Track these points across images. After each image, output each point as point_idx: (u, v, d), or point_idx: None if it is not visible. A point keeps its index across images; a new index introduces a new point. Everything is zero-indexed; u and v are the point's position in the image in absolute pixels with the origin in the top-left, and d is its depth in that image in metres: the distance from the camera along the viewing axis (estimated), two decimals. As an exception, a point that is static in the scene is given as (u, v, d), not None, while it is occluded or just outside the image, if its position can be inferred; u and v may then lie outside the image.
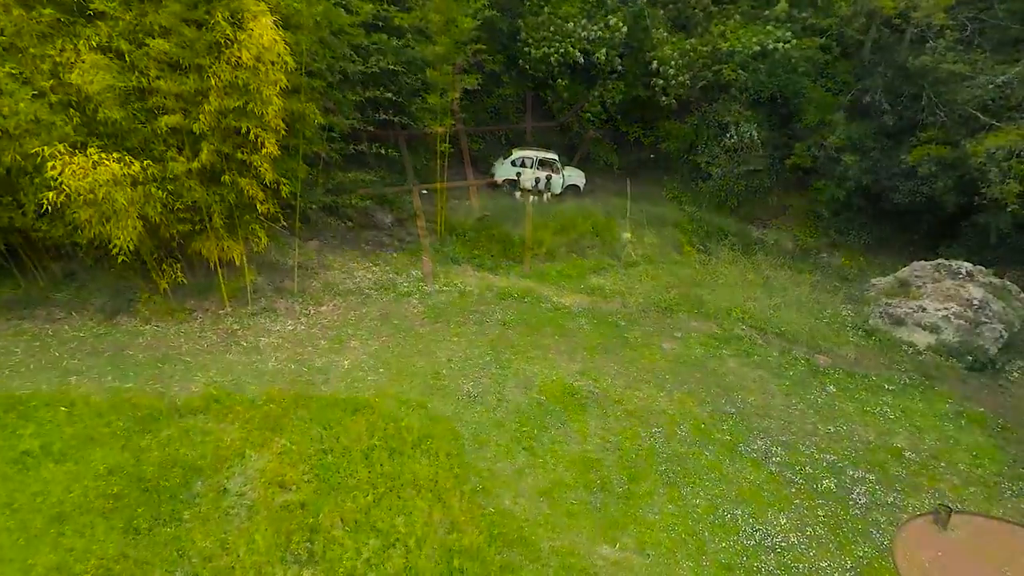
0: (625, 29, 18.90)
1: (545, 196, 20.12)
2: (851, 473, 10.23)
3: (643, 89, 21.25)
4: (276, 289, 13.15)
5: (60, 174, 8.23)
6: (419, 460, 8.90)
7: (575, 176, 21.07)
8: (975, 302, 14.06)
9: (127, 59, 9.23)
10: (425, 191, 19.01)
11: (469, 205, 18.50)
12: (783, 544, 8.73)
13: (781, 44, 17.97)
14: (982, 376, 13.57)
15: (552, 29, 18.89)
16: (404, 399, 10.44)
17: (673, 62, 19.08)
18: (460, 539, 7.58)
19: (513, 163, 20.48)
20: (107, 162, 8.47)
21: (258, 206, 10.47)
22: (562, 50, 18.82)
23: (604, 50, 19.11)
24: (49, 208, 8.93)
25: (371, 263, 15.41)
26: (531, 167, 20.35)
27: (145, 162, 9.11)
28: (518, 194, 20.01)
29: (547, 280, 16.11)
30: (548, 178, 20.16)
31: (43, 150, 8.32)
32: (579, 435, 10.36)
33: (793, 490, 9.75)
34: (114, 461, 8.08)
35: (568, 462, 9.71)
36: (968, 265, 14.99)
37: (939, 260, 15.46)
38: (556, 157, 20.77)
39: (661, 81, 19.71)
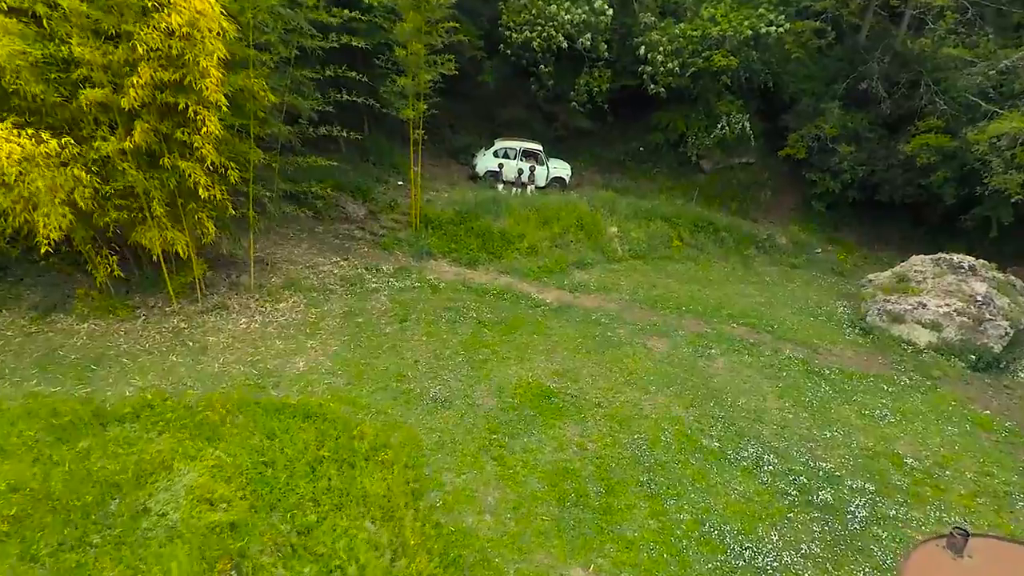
0: (611, 12, 18.03)
1: (529, 189, 19.22)
2: (849, 483, 9.39)
3: (631, 78, 20.41)
4: (231, 285, 12.19)
5: (-43, 152, 7.26)
6: (372, 473, 7.98)
7: (560, 168, 20.18)
8: (978, 298, 13.29)
9: (45, 24, 8.25)
10: (401, 182, 18.09)
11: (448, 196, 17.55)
12: (775, 564, 7.88)
13: (774, 28, 17.14)
14: (986, 376, 12.80)
15: (534, 12, 17.99)
16: (362, 404, 9.52)
17: (662, 48, 18.23)
18: (409, 565, 6.67)
19: (495, 154, 19.57)
20: (14, 139, 7.50)
21: (200, 192, 9.49)
22: (544, 34, 17.93)
23: (589, 35, 18.24)
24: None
25: (339, 257, 14.45)
26: (514, 158, 19.44)
27: (64, 139, 8.13)
28: (500, 186, 19.10)
29: (528, 276, 15.22)
30: (532, 170, 19.26)
31: (-62, 125, 7.34)
32: (554, 442, 9.47)
33: (786, 502, 8.91)
34: (19, 476, 7.11)
35: (541, 472, 8.83)
36: (970, 259, 14.22)
37: (940, 254, 14.69)
38: (541, 148, 19.87)
39: (649, 68, 18.85)
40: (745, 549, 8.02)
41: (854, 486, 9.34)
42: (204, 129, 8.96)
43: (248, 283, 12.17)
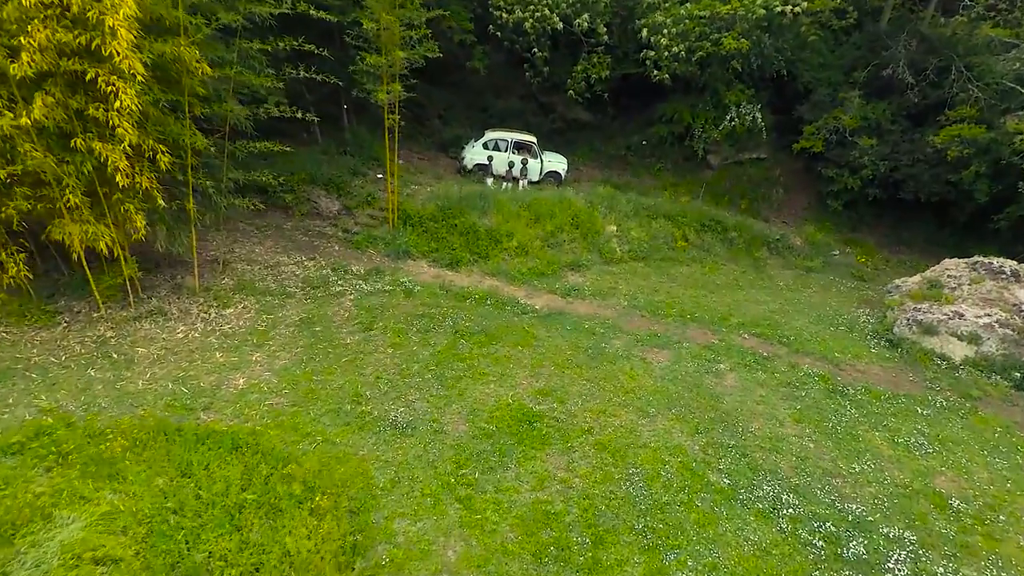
0: (611, -9, 16.55)
1: (521, 183, 17.72)
2: (885, 531, 7.86)
3: (633, 65, 18.91)
4: (173, 287, 10.75)
5: None
6: (306, 522, 6.51)
7: (556, 162, 18.69)
8: (1023, 307, 11.73)
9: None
10: (380, 175, 16.63)
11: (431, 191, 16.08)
12: (800, 640, 6.38)
13: (789, 8, 15.59)
14: (1034, 397, 11.24)
15: (527, -11, 16.51)
16: (306, 431, 8.05)
17: (666, 30, 16.69)
18: (331, 657, 5.21)
19: (485, 145, 18.08)
20: None
21: (118, 179, 8.05)
22: (538, 14, 16.43)
23: (587, 16, 16.74)
24: None
25: (305, 257, 13.01)
26: (505, 150, 17.95)
27: (-67, 112, 6.73)
28: (490, 180, 17.60)
29: (516, 279, 13.75)
30: (524, 163, 17.76)
31: None
32: (534, 478, 7.98)
33: (811, 557, 7.39)
34: None
35: (516, 517, 7.34)
36: (1012, 263, 12.64)
37: (976, 257, 13.11)
38: (534, 140, 18.40)
39: (652, 53, 17.33)
40: (762, 619, 6.53)
41: (891, 534, 7.82)
42: (117, 104, 7.51)
43: (193, 285, 10.72)
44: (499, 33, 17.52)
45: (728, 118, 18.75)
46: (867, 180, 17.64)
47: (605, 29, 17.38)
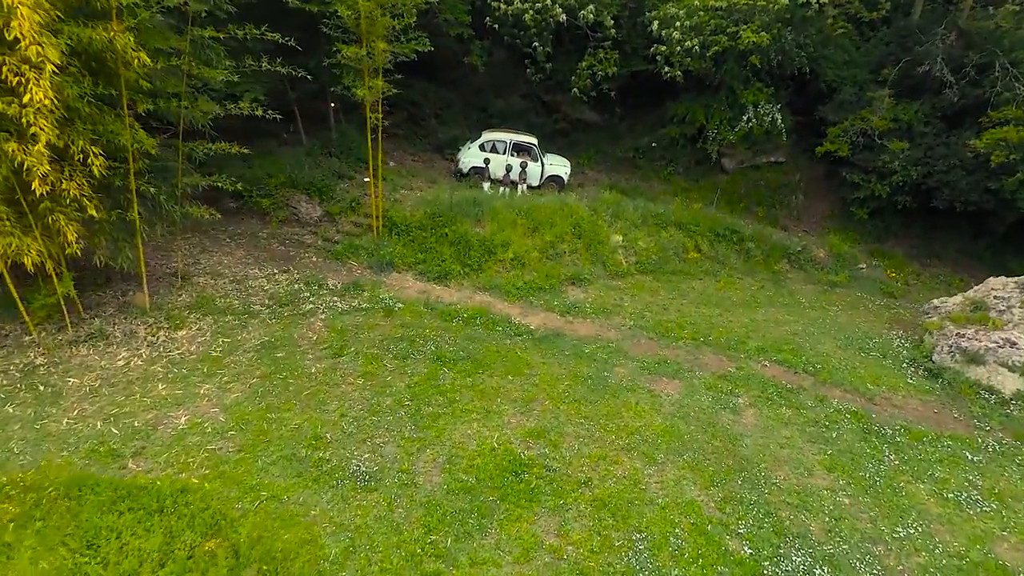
0: (619, -19, 15.27)
1: (520, 188, 16.46)
2: (941, 617, 6.53)
3: (643, 61, 17.60)
4: (122, 305, 9.58)
5: None
6: (230, 612, 5.29)
7: (558, 165, 17.39)
8: (1086, 336, 10.31)
9: None
10: (368, 178, 15.43)
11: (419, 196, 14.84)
12: None
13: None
14: (1100, 441, 9.81)
15: (526, -22, 15.27)
16: (250, 484, 6.83)
17: (679, 24, 15.37)
18: None
19: (482, 147, 16.84)
20: None
21: (36, 186, 6.88)
22: (539, 5, 15.16)
23: (592, 8, 15.44)
24: None
25: (278, 269, 11.83)
26: (503, 152, 16.70)
27: None
28: (487, 185, 16.36)
29: (510, 295, 12.50)
30: (524, 166, 16.49)
31: None
32: (518, 546, 6.71)
33: (854, 653, 6.08)
34: None
35: (493, 598, 6.09)
36: (1070, 284, 11.21)
37: (1027, 276, 11.69)
38: (535, 141, 17.13)
39: (663, 48, 16.01)
40: None
41: (949, 623, 6.48)
42: (27, 97, 6.34)
43: (143, 303, 9.54)
44: (497, 27, 16.27)
45: (745, 119, 17.38)
46: (897, 187, 16.19)
47: (612, 22, 16.10)
